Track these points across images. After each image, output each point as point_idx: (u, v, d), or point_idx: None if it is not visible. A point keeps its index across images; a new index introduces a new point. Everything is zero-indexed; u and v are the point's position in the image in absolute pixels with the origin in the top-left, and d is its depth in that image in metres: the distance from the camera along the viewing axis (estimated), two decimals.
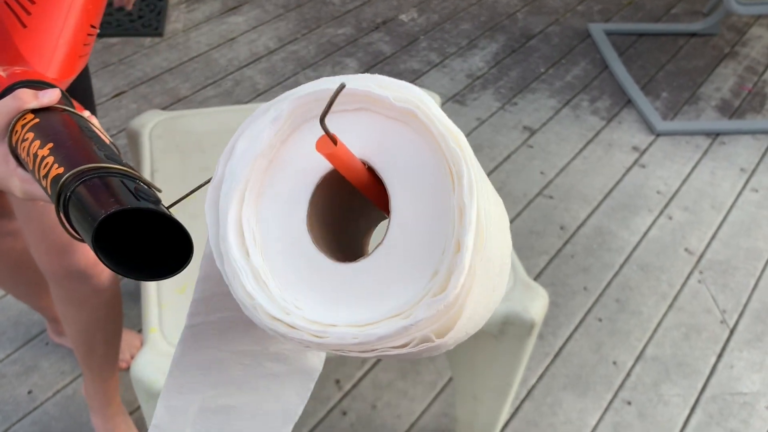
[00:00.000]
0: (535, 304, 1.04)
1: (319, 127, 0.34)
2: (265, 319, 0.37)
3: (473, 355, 1.20)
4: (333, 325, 0.36)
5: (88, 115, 0.56)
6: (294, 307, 0.37)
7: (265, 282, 0.38)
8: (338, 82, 0.36)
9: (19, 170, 0.53)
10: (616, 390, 1.53)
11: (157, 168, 1.19)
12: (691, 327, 1.67)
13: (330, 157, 0.35)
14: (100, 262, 1.05)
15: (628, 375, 1.56)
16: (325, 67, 2.40)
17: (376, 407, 1.45)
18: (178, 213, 0.45)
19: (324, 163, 0.38)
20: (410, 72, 2.41)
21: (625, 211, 1.95)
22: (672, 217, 1.95)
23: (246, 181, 0.38)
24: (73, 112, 0.54)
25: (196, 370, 0.50)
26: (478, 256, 0.34)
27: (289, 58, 2.43)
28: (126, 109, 2.17)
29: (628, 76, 2.42)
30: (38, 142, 0.49)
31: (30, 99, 0.52)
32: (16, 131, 0.51)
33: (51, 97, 0.53)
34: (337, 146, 0.35)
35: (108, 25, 2.48)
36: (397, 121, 0.37)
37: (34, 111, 0.53)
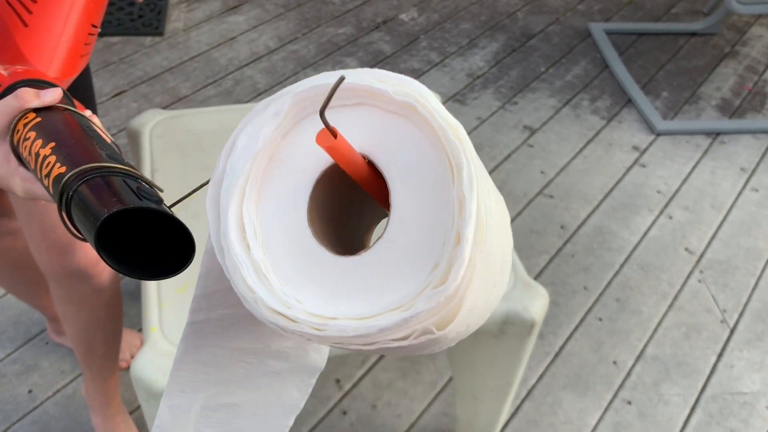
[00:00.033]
0: (536, 303, 1.04)
1: (320, 122, 0.34)
2: (266, 312, 0.37)
3: (473, 354, 1.20)
4: (334, 318, 0.36)
5: (89, 114, 0.56)
6: (295, 300, 0.37)
7: (266, 276, 0.38)
8: (338, 76, 0.36)
9: (21, 169, 0.53)
10: (617, 390, 1.53)
11: (158, 167, 1.19)
12: (692, 326, 1.67)
13: (330, 150, 0.35)
14: (101, 262, 1.05)
15: (629, 374, 1.56)
16: (326, 67, 2.40)
17: (377, 407, 1.45)
18: (180, 212, 0.45)
19: (324, 157, 0.38)
20: (410, 71, 2.41)
21: (626, 211, 1.95)
22: (672, 216, 1.95)
23: (247, 177, 0.38)
24: (75, 111, 0.54)
25: (199, 368, 0.50)
26: (478, 249, 0.34)
27: (290, 58, 2.43)
28: (126, 108, 2.17)
29: (629, 76, 2.42)
30: (40, 142, 0.49)
31: (32, 98, 0.52)
32: (18, 130, 0.51)
33: (53, 96, 0.53)
34: (337, 139, 0.35)
35: (108, 25, 2.48)
36: (397, 114, 0.38)
37: (36, 110, 0.53)
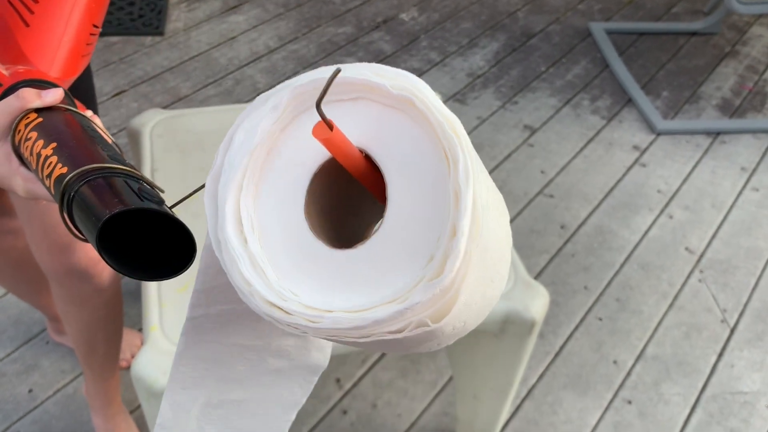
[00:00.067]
0: (536, 302, 1.04)
1: (318, 116, 0.35)
2: (262, 304, 0.37)
3: (474, 353, 1.20)
4: (329, 310, 0.36)
5: (90, 114, 0.56)
6: (291, 293, 0.37)
7: (263, 269, 0.38)
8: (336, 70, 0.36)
9: (22, 169, 0.53)
10: (617, 389, 1.53)
11: (158, 167, 1.19)
12: (692, 326, 1.67)
13: (326, 142, 0.36)
14: (102, 261, 1.05)
15: (629, 374, 1.56)
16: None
17: (377, 406, 1.45)
18: (180, 213, 0.45)
19: (322, 151, 0.38)
20: (411, 71, 2.39)
21: (626, 210, 1.95)
22: (672, 216, 1.95)
23: (244, 171, 0.39)
24: (76, 111, 0.54)
25: (199, 364, 0.50)
26: (473, 243, 0.34)
27: (290, 57, 2.43)
28: (126, 108, 2.17)
29: (629, 75, 2.42)
30: (41, 142, 0.49)
31: (33, 98, 0.53)
32: (20, 130, 0.51)
33: (54, 96, 0.53)
34: (333, 131, 0.35)
35: (109, 24, 2.48)
36: (394, 109, 0.38)
37: (38, 110, 0.53)
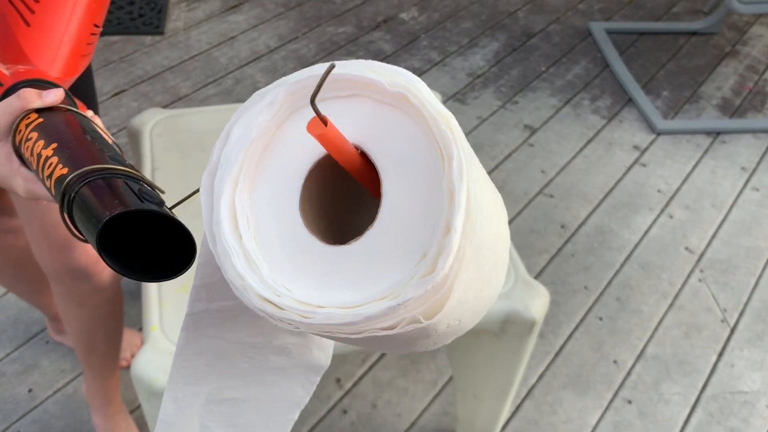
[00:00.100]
0: (536, 302, 1.04)
1: (313, 113, 0.35)
2: (255, 300, 0.37)
3: (474, 353, 1.20)
4: (322, 306, 0.36)
5: (91, 114, 0.56)
6: (284, 288, 0.37)
7: (257, 264, 0.38)
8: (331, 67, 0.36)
9: (23, 169, 0.53)
10: (617, 389, 1.53)
11: (158, 166, 1.19)
12: (692, 326, 1.67)
13: (320, 138, 0.36)
14: (102, 260, 1.05)
15: (629, 374, 1.56)
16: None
17: (377, 406, 1.45)
18: (180, 213, 0.45)
19: (318, 148, 0.38)
20: (411, 70, 2.39)
21: (626, 210, 1.95)
22: (673, 215, 1.95)
23: (240, 166, 0.39)
24: (77, 111, 0.54)
25: (201, 360, 0.50)
26: (467, 240, 0.34)
27: (290, 57, 2.43)
28: (126, 107, 2.17)
29: (629, 75, 2.42)
30: (42, 142, 0.49)
31: (34, 99, 0.53)
32: (20, 131, 0.51)
33: (55, 96, 0.53)
34: (328, 127, 0.35)
35: (109, 24, 2.47)
36: (390, 105, 0.38)
37: (38, 110, 0.53)
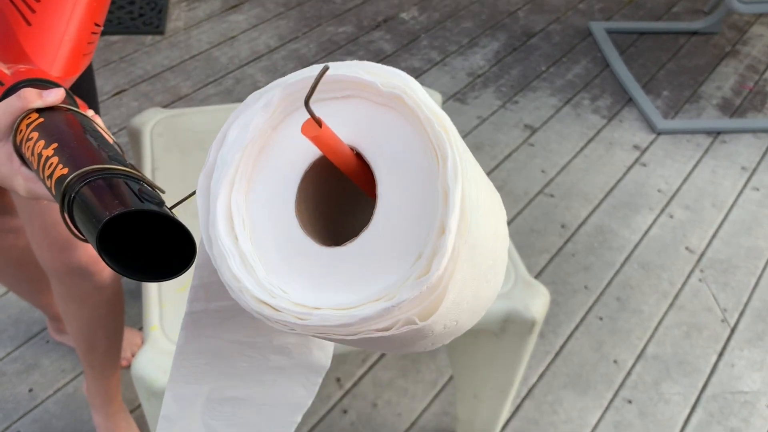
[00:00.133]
0: (536, 302, 1.04)
1: (308, 114, 0.35)
2: (251, 301, 0.37)
3: (474, 353, 1.20)
4: (317, 308, 0.36)
5: (92, 114, 0.56)
6: (280, 290, 0.37)
7: (253, 266, 0.38)
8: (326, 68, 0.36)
9: (23, 169, 0.53)
10: (617, 389, 1.53)
11: (158, 166, 1.19)
12: (692, 326, 1.67)
13: (315, 140, 0.36)
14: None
15: (629, 374, 1.56)
16: None
17: (377, 406, 1.45)
18: (180, 213, 0.45)
19: (313, 149, 0.38)
20: (411, 70, 2.41)
21: (626, 210, 1.95)
22: (673, 215, 1.95)
23: (236, 168, 0.39)
24: (78, 111, 0.54)
25: (200, 358, 0.50)
26: (461, 240, 0.34)
27: (290, 57, 2.43)
28: (127, 107, 2.17)
29: (629, 75, 2.42)
30: (43, 142, 0.49)
31: (35, 98, 0.53)
32: (21, 130, 0.51)
33: (56, 96, 0.53)
34: (322, 129, 0.35)
35: (109, 23, 2.47)
36: (385, 106, 0.38)
37: (39, 110, 0.53)
